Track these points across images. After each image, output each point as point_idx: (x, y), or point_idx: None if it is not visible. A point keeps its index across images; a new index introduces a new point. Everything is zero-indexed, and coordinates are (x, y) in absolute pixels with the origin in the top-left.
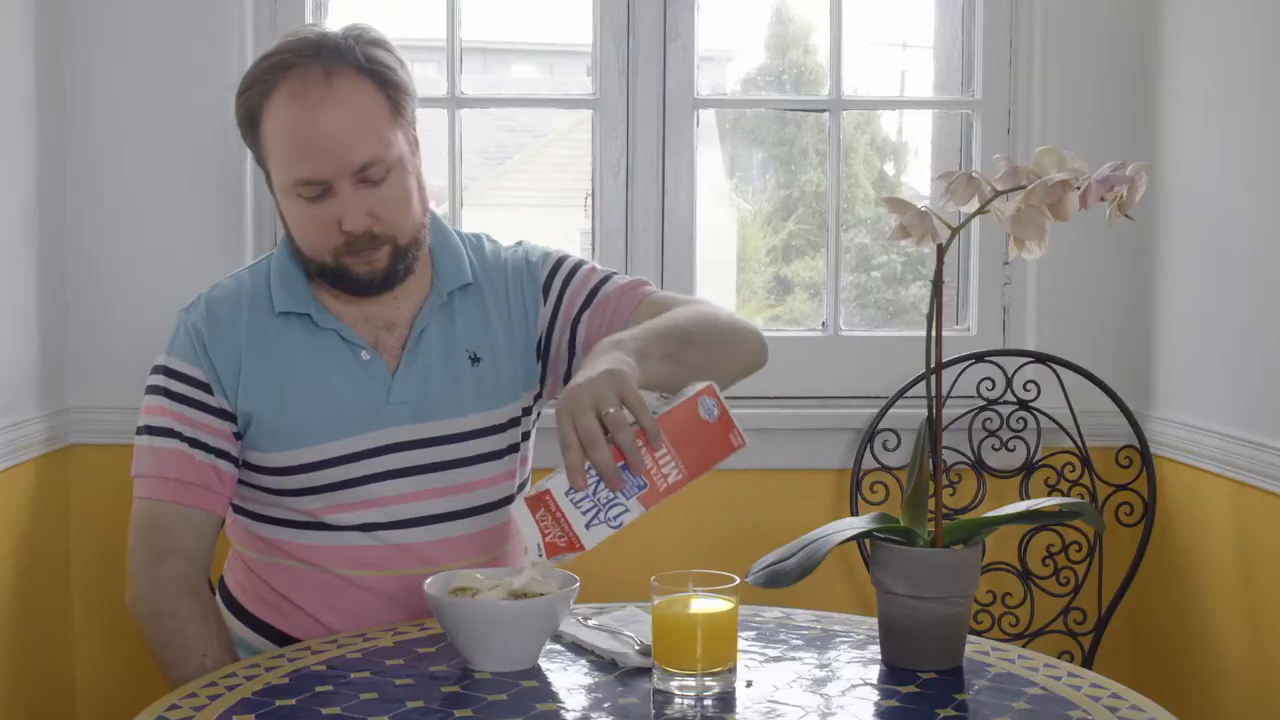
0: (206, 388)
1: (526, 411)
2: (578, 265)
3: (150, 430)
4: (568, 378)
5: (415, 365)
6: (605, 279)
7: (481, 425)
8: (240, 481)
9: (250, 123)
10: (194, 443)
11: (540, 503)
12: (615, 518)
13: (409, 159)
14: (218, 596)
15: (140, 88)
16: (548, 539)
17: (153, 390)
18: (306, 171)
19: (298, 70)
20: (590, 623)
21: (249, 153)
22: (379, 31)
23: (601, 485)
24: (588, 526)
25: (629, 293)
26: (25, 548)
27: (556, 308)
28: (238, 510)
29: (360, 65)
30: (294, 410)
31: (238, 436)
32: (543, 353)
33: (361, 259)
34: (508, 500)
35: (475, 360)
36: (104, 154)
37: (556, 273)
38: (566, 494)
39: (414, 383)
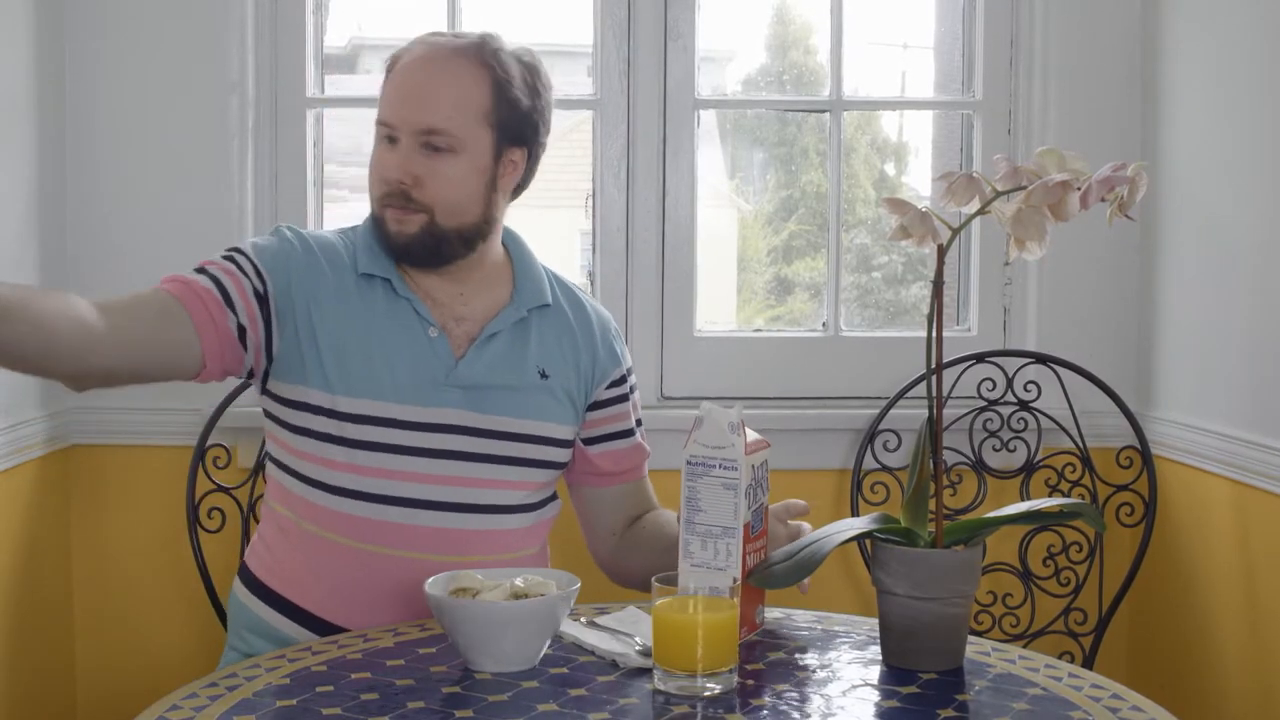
0: (262, 278)
1: (569, 444)
2: (634, 387)
3: (197, 269)
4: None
5: (482, 359)
6: (638, 424)
7: (538, 433)
8: (293, 428)
9: (388, 70)
10: (229, 299)
11: None
12: None
13: (486, 163)
14: (238, 580)
15: (141, 87)
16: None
17: (219, 255)
18: (384, 114)
19: (435, 40)
20: (591, 623)
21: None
22: (537, 61)
23: None
24: None
25: (638, 465)
26: (25, 548)
27: (609, 404)
28: (281, 467)
29: (486, 60)
30: (359, 360)
31: (264, 331)
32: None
33: (395, 215)
34: (533, 508)
35: (544, 376)
36: (104, 153)
37: (626, 379)
38: None
39: (477, 374)
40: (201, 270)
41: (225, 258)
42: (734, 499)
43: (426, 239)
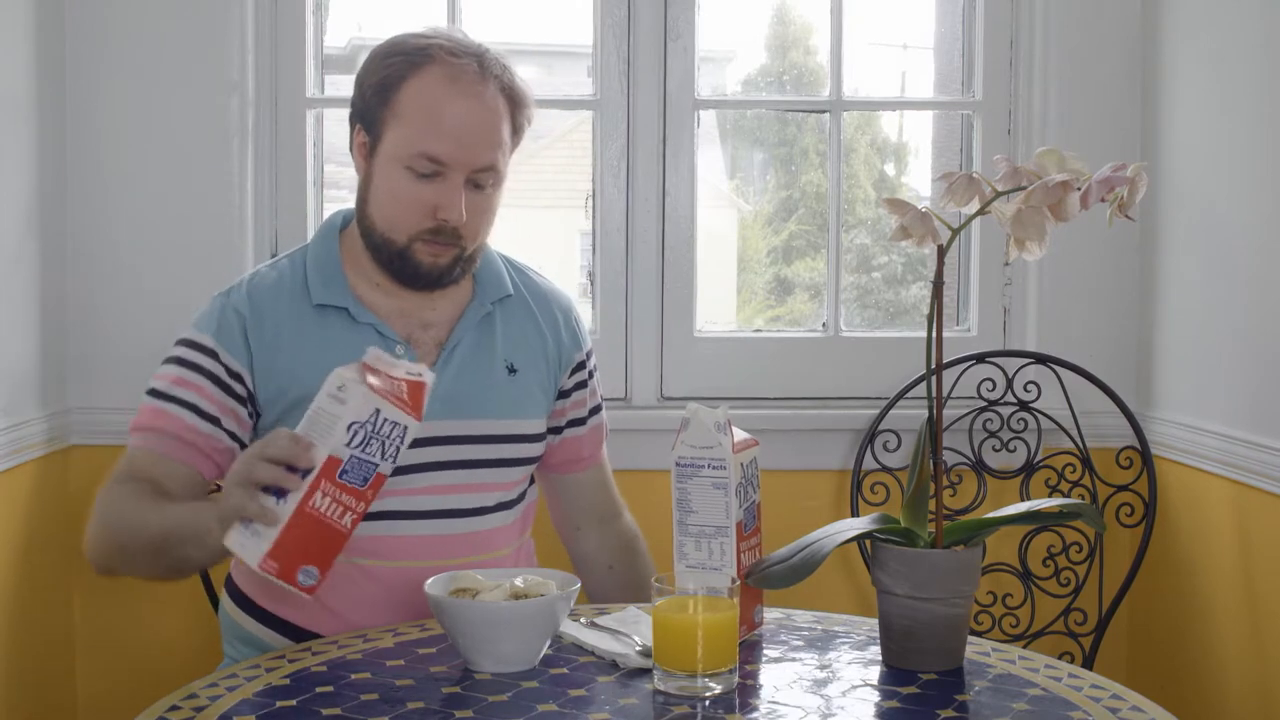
0: (239, 377)
1: (543, 437)
2: (594, 370)
3: (160, 395)
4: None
5: (451, 364)
6: (597, 408)
7: (513, 431)
8: None
9: (385, 87)
10: (207, 416)
11: None
12: None
13: (503, 184)
14: (225, 594)
15: (141, 88)
16: None
17: (174, 361)
18: (437, 149)
19: (454, 62)
20: (591, 623)
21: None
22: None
23: None
24: None
25: (595, 449)
26: (25, 548)
27: (573, 390)
28: None
29: (504, 86)
30: None
31: (253, 418)
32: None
33: (432, 249)
34: (514, 503)
35: (512, 371)
36: (104, 154)
37: (586, 363)
38: None
39: (448, 381)
40: (161, 394)
41: (181, 362)
42: (725, 498)
43: (453, 267)
